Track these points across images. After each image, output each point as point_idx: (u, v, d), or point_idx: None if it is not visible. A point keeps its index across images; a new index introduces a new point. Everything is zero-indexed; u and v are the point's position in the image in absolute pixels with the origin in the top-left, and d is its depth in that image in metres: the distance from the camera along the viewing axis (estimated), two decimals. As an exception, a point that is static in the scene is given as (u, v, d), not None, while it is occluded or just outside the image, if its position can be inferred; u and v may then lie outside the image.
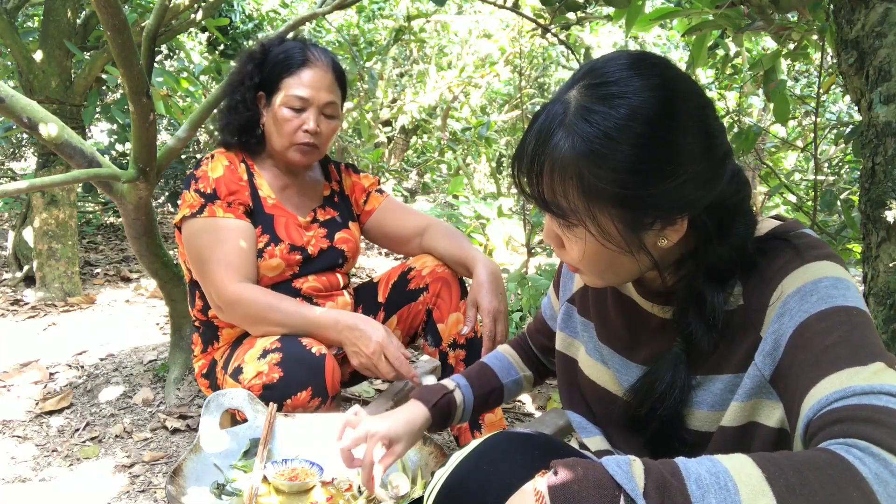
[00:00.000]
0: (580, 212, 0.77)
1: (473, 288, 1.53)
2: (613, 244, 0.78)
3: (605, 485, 0.60)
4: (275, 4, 5.59)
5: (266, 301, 1.44)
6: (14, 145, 6.19)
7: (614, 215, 0.76)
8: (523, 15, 2.44)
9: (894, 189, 1.07)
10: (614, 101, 0.74)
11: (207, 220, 1.49)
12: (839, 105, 5.75)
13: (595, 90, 0.76)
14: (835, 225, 2.24)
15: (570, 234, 0.81)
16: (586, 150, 0.74)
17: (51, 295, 3.22)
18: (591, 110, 0.75)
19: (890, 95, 1.07)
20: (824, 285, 0.74)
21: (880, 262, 1.11)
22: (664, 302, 0.90)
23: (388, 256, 4.71)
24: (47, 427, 1.94)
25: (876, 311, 1.13)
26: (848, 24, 1.15)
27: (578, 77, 0.79)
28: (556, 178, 0.76)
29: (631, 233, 0.77)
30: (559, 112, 0.77)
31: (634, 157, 0.73)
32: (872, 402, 0.64)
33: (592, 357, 1.01)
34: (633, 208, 0.75)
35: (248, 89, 1.60)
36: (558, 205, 0.78)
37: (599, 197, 0.75)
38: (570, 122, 0.75)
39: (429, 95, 5.76)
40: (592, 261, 0.82)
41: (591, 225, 0.77)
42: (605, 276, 0.85)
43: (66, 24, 3.09)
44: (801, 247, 0.79)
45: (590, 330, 1.03)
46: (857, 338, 0.70)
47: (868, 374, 0.67)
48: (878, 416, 0.62)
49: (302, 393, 1.40)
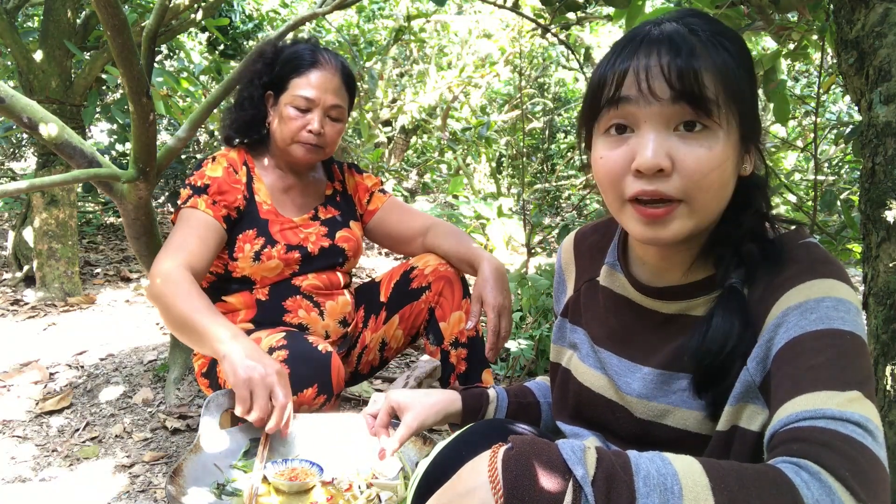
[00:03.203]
0: (723, 109, 0.78)
1: (478, 284, 1.53)
2: (730, 149, 0.79)
3: (557, 466, 0.61)
4: (275, 4, 5.59)
5: (183, 289, 1.36)
6: (14, 145, 6.19)
7: (741, 122, 0.80)
8: (523, 15, 2.44)
9: (894, 189, 1.07)
10: (728, 34, 0.81)
11: (187, 210, 1.52)
12: (839, 105, 5.75)
13: (704, 24, 0.81)
14: (835, 225, 2.24)
15: (693, 139, 0.77)
16: (740, 61, 0.79)
17: (51, 295, 3.22)
18: (720, 33, 0.80)
19: (890, 95, 1.07)
20: (826, 305, 0.74)
21: (880, 262, 1.11)
22: (664, 297, 0.89)
23: (389, 256, 4.71)
24: (47, 427, 1.94)
25: (876, 311, 1.13)
26: (848, 24, 1.15)
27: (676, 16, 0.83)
28: (713, 76, 0.77)
29: (743, 146, 0.82)
30: (692, 26, 0.80)
31: (750, 80, 0.81)
32: (838, 428, 0.65)
33: (585, 363, 1.00)
34: (753, 119, 0.81)
35: (256, 87, 1.62)
36: (706, 98, 0.77)
37: (740, 100, 0.79)
38: (711, 39, 0.79)
39: (429, 95, 5.75)
40: (705, 171, 0.78)
41: (725, 123, 0.78)
42: (699, 209, 0.79)
43: (66, 24, 3.09)
44: (815, 261, 0.79)
45: (582, 336, 1.01)
46: (844, 363, 0.70)
47: (842, 401, 0.67)
48: (836, 443, 0.63)
49: (308, 390, 1.40)
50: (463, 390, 1.12)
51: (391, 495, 1.16)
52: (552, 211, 6.32)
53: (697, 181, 0.77)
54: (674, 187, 0.77)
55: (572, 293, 1.06)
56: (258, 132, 1.65)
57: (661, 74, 0.76)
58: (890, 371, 1.08)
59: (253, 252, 1.56)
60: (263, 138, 1.67)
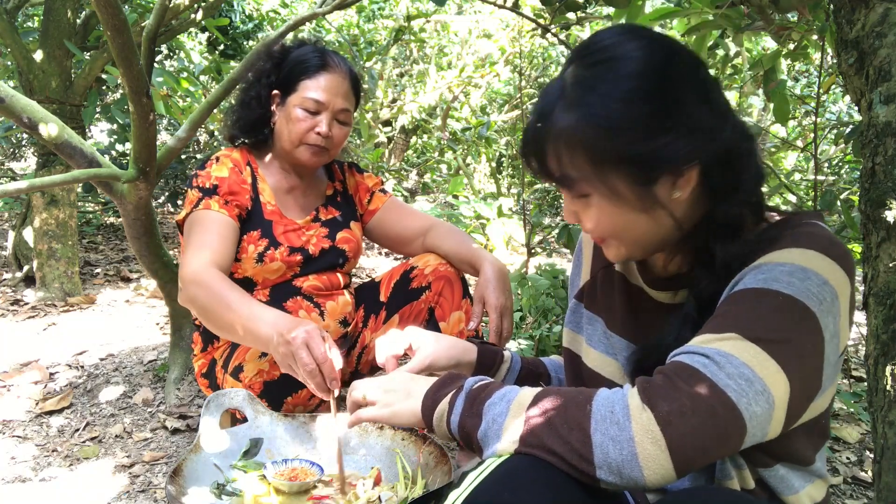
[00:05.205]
0: (590, 178, 0.78)
1: (480, 284, 1.53)
2: (628, 205, 0.79)
3: (455, 380, 0.87)
4: (275, 4, 5.59)
5: (218, 287, 1.34)
6: (14, 145, 6.19)
7: (623, 174, 0.77)
8: (523, 15, 2.44)
9: (894, 189, 1.07)
10: (608, 64, 0.76)
11: (200, 213, 1.51)
12: (839, 105, 5.74)
13: (589, 59, 0.78)
14: (835, 225, 2.24)
15: (585, 204, 0.82)
16: (587, 115, 0.76)
17: (51, 295, 3.21)
18: (587, 77, 0.77)
19: (890, 95, 1.07)
20: (780, 269, 0.75)
21: (880, 262, 1.11)
22: (672, 288, 0.90)
23: (389, 256, 4.71)
24: (47, 427, 1.94)
25: (876, 311, 1.12)
26: (848, 24, 1.15)
27: (573, 57, 0.81)
28: (562, 151, 0.78)
29: (642, 189, 0.78)
30: (557, 89, 0.79)
31: (633, 113, 0.75)
32: (684, 359, 0.72)
33: (597, 349, 1.01)
34: (640, 164, 0.77)
35: (263, 87, 1.61)
36: (568, 176, 0.79)
37: (606, 159, 0.76)
38: (569, 94, 0.77)
39: (429, 95, 5.75)
40: (612, 227, 0.82)
41: (602, 189, 0.78)
42: (629, 244, 0.85)
43: (66, 24, 3.09)
44: (801, 235, 0.79)
45: (595, 322, 1.03)
46: (753, 315, 0.72)
47: (711, 339, 0.72)
48: (670, 371, 0.71)
49: (303, 391, 1.40)
50: (479, 343, 1.14)
51: (391, 496, 1.16)
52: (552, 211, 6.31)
53: (607, 234, 0.84)
54: (591, 231, 0.85)
55: (588, 278, 1.07)
56: (262, 132, 1.64)
57: (539, 168, 0.83)
58: (890, 371, 1.08)
59: (256, 253, 1.55)
60: (266, 138, 1.66)
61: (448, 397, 0.85)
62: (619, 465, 0.68)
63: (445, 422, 0.84)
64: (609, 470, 0.69)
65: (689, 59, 0.80)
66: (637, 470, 0.67)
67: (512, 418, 0.76)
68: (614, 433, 0.69)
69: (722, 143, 0.78)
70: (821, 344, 0.73)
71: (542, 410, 0.74)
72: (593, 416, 0.71)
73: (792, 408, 0.72)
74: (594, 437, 0.69)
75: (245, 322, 1.27)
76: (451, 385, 0.87)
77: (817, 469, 0.87)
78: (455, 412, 0.83)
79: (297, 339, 1.16)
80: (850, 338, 3.09)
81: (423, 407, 0.87)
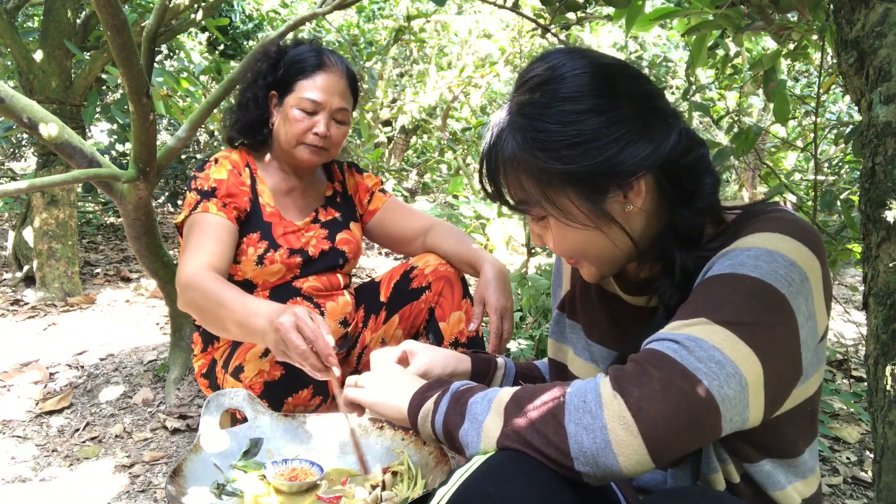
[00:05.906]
0: (541, 201, 0.80)
1: (481, 285, 1.53)
2: (580, 223, 0.81)
3: (443, 383, 0.89)
4: (275, 4, 5.59)
5: (212, 287, 1.35)
6: (14, 145, 6.19)
7: (571, 194, 0.79)
8: (523, 15, 2.44)
9: (894, 189, 1.07)
10: (544, 88, 0.79)
11: (198, 215, 1.50)
12: (839, 105, 5.74)
13: (530, 83, 0.81)
14: (835, 225, 2.24)
15: (545, 226, 0.85)
16: (527, 139, 0.78)
17: (51, 295, 3.21)
18: (525, 103, 0.79)
19: (890, 95, 1.07)
20: (747, 254, 0.76)
21: (880, 262, 1.11)
22: (647, 293, 0.91)
23: (389, 256, 4.71)
24: (47, 427, 1.94)
25: (876, 311, 1.12)
26: (848, 24, 1.15)
27: (517, 83, 0.84)
28: (510, 176, 0.81)
29: (592, 206, 0.80)
30: (503, 117, 0.82)
31: (572, 132, 0.77)
32: (655, 346, 0.72)
33: (581, 357, 1.02)
34: (585, 181, 0.78)
35: (260, 87, 1.61)
36: (522, 200, 0.82)
37: (551, 180, 0.79)
38: (511, 121, 0.80)
39: (429, 95, 5.75)
40: (574, 247, 0.85)
41: (552, 210, 0.81)
42: (596, 263, 0.87)
43: (66, 24, 3.09)
44: (766, 220, 0.80)
45: (578, 331, 1.04)
46: (721, 299, 0.73)
47: (680, 325, 0.73)
48: (641, 358, 0.72)
49: (303, 391, 1.40)
50: (472, 353, 1.15)
51: (393, 495, 1.16)
52: (552, 211, 6.30)
53: (573, 254, 0.87)
54: (555, 251, 0.88)
55: (569, 287, 1.08)
56: (261, 133, 1.64)
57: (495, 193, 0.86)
58: (890, 371, 1.08)
59: (256, 255, 1.55)
60: (265, 139, 1.66)
61: (433, 398, 0.87)
62: (593, 453, 0.68)
63: (430, 422, 0.85)
64: (585, 460, 0.69)
65: (630, 73, 0.82)
66: (612, 457, 0.68)
67: (493, 416, 0.77)
68: (587, 422, 0.69)
69: (669, 151, 0.79)
70: (794, 327, 0.73)
71: (520, 406, 0.76)
72: (566, 407, 0.72)
73: (770, 391, 0.72)
74: (568, 428, 0.70)
75: (241, 318, 1.27)
76: (438, 388, 0.89)
77: (806, 462, 0.86)
78: (440, 412, 0.84)
79: (285, 324, 1.16)
80: (850, 338, 3.09)
81: (409, 406, 0.89)
